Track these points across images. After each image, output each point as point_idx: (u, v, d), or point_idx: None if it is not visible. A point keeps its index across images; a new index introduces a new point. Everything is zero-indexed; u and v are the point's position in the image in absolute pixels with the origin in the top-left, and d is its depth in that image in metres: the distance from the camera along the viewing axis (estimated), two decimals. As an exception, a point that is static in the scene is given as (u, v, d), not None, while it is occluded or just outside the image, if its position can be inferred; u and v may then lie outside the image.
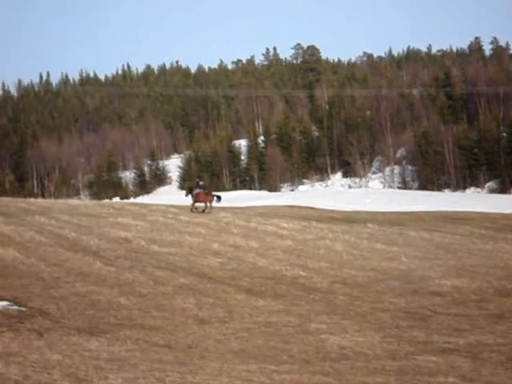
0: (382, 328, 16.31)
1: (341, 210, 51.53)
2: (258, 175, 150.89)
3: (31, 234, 27.31)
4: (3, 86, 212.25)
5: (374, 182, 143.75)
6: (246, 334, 15.82)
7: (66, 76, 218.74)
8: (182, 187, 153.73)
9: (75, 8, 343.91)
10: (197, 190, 43.05)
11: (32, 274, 21.20)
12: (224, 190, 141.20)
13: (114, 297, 19.14)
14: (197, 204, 41.20)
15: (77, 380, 10.64)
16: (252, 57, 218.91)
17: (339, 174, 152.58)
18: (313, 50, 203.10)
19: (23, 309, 17.45)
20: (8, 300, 18.06)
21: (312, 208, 49.57)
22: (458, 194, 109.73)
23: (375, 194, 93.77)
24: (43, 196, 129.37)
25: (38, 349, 13.42)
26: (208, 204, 41.02)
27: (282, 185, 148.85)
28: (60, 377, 10.81)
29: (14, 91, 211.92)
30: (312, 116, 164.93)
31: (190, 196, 42.65)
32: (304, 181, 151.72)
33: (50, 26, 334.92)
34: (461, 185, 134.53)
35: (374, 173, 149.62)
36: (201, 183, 44.36)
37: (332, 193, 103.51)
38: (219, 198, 42.12)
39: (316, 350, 14.35)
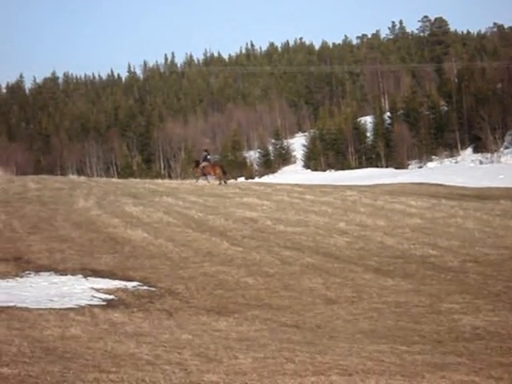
0: (517, 308, 15.80)
1: (472, 186, 50.38)
2: (385, 152, 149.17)
3: (159, 215, 27.73)
4: (129, 67, 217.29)
5: (507, 157, 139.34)
6: (376, 314, 15.61)
7: (191, 56, 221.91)
8: (307, 166, 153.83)
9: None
10: (203, 164, 44.25)
11: (161, 254, 21.52)
12: (350, 168, 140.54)
13: (242, 277, 19.20)
14: (204, 180, 43.38)
15: (207, 360, 10.66)
16: (377, 31, 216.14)
17: (469, 150, 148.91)
18: (440, 22, 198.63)
19: (153, 289, 17.71)
20: (138, 280, 18.38)
21: (441, 185, 48.68)
22: None
23: (508, 169, 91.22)
24: (170, 177, 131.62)
25: (168, 328, 13.54)
26: (220, 177, 42.88)
27: (409, 162, 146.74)
28: (190, 356, 10.85)
29: (139, 73, 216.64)
30: (440, 90, 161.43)
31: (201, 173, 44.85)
32: (432, 157, 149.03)
33: (175, 7, 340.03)
34: None
35: (506, 147, 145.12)
36: (208, 157, 45.51)
37: (462, 169, 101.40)
38: (224, 172, 43.96)
39: (448, 330, 14.06)
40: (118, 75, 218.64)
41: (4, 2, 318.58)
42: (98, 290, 17.09)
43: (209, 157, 46.03)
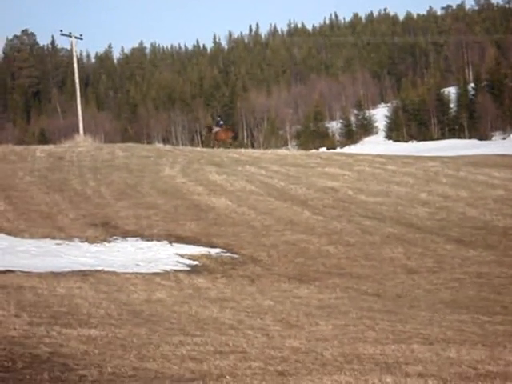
0: None
1: (557, 158, 49.21)
2: (468, 123, 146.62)
3: (242, 184, 27.94)
4: (214, 38, 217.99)
5: None
6: (457, 284, 15.58)
7: (275, 27, 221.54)
8: (389, 137, 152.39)
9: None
10: (216, 129, 45.02)
11: (243, 222, 21.75)
12: (432, 139, 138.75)
13: (323, 245, 19.33)
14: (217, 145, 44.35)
15: (288, 326, 10.82)
16: (462, 2, 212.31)
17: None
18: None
19: (236, 256, 17.98)
20: (221, 247, 18.67)
21: (525, 156, 47.67)
22: None
23: None
24: (253, 146, 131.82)
25: (251, 295, 13.76)
26: (229, 139, 44.46)
27: (492, 133, 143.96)
28: (272, 322, 11.03)
29: (224, 43, 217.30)
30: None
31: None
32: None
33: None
34: None
35: None
36: (221, 122, 46.27)
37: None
38: (235, 137, 44.47)
39: (530, 301, 13.95)
40: (204, 46, 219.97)
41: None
42: (182, 256, 17.43)
43: (221, 122, 47.44)
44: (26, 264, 15.06)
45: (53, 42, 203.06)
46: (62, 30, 57.36)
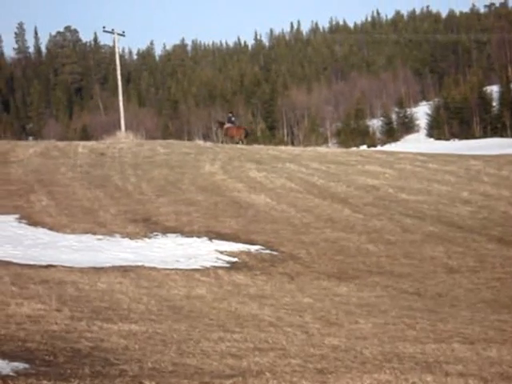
0: None
1: None
2: (510, 122, 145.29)
3: (282, 181, 27.96)
4: (255, 35, 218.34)
5: None
6: (498, 283, 15.46)
7: (316, 24, 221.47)
8: (430, 135, 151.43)
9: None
10: (227, 125, 45.10)
11: (283, 219, 21.77)
12: (474, 137, 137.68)
13: (363, 243, 19.28)
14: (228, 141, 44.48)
15: (328, 323, 10.80)
16: (506, 0, 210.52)
17: None
18: None
19: (275, 253, 17.99)
20: (261, 244, 18.70)
21: None
22: None
23: None
24: (293, 144, 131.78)
25: (290, 292, 13.76)
26: (240, 137, 44.44)
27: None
28: (311, 319, 11.02)
29: (265, 40, 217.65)
30: None
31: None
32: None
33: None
34: None
35: None
36: (232, 118, 46.26)
37: None
38: (247, 133, 46.13)
39: None
40: (245, 43, 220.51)
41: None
42: (222, 253, 17.48)
43: (233, 119, 47.35)
44: (67, 259, 15.20)
45: (95, 39, 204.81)
46: (104, 27, 57.82)
